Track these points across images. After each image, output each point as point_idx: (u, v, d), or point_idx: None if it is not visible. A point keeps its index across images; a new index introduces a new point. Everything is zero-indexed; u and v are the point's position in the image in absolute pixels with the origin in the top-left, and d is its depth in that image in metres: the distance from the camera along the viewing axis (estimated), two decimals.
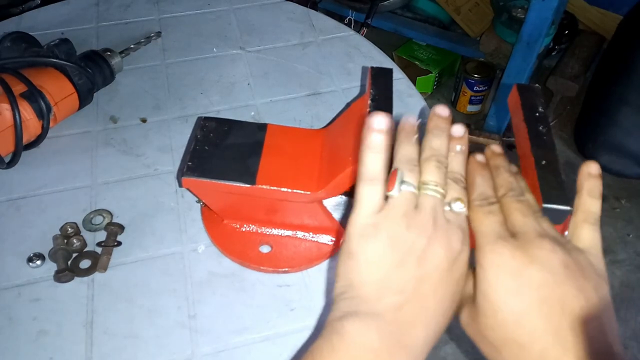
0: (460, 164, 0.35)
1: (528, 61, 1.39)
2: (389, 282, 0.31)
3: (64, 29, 0.72)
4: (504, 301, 0.30)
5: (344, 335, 0.29)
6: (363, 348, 0.29)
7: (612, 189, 1.50)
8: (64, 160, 0.57)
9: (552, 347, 0.29)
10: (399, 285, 0.31)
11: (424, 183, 0.33)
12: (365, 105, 0.43)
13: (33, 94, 0.54)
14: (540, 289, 0.29)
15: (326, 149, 0.46)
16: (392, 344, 0.30)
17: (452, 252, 0.32)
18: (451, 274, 0.32)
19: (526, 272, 0.30)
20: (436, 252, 0.31)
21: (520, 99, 0.42)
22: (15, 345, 0.43)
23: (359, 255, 0.32)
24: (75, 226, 0.50)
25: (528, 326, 0.29)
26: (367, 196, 0.33)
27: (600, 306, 0.30)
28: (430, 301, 0.31)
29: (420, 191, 0.33)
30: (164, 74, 0.67)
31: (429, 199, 0.32)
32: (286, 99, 0.64)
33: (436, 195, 0.32)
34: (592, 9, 1.68)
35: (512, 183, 0.35)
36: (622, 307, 1.26)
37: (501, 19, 1.55)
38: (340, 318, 0.30)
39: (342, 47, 0.71)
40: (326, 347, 0.29)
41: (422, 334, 0.31)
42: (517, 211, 0.33)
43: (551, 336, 0.29)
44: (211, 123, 0.48)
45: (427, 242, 0.31)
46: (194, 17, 0.76)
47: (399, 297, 0.30)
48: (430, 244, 0.31)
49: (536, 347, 0.29)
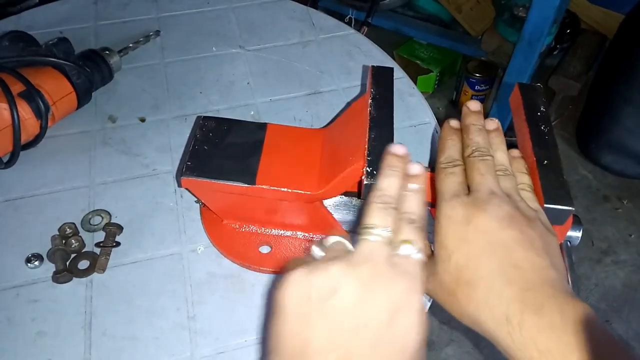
0: (416, 204, 0.33)
1: (530, 60, 1.39)
2: (315, 339, 0.27)
3: (62, 28, 0.72)
4: (456, 246, 0.32)
5: None
6: None
7: (614, 189, 1.50)
8: (62, 160, 0.57)
9: (496, 282, 0.30)
10: (327, 343, 0.27)
11: (364, 227, 0.30)
12: (366, 105, 0.43)
13: (31, 94, 0.53)
14: (486, 234, 0.32)
15: (327, 148, 0.45)
16: None
17: (391, 302, 0.28)
18: (393, 327, 0.27)
19: (474, 220, 0.32)
20: (372, 302, 0.27)
21: (522, 98, 0.41)
22: (14, 346, 0.43)
23: (283, 311, 0.29)
24: (73, 226, 0.50)
25: (476, 266, 0.31)
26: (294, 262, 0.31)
27: (544, 249, 0.32)
28: None
29: (360, 236, 0.30)
30: (162, 73, 0.67)
31: (367, 244, 0.29)
32: (286, 98, 0.64)
33: (377, 239, 0.29)
34: (594, 8, 1.67)
35: (478, 143, 0.36)
36: (625, 308, 1.26)
37: (503, 18, 1.55)
38: None
39: (343, 45, 0.71)
40: None
41: None
42: (476, 170, 0.35)
43: (496, 274, 0.31)
44: (210, 122, 0.47)
45: (361, 292, 0.28)
46: (193, 15, 0.76)
47: (327, 356, 0.27)
48: (366, 293, 0.28)
49: (483, 284, 0.31)
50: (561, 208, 0.36)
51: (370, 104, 0.42)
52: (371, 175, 0.38)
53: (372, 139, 0.40)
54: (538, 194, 0.37)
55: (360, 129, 0.41)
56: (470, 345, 1.22)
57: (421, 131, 0.60)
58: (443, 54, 1.72)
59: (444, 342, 1.22)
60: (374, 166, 0.38)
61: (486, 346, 1.22)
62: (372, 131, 0.40)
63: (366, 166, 0.38)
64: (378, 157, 0.38)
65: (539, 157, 0.38)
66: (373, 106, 0.42)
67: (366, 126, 0.41)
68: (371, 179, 0.37)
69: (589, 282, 1.30)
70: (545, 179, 0.37)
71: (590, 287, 1.30)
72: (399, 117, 0.61)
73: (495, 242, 0.31)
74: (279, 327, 0.29)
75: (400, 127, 0.60)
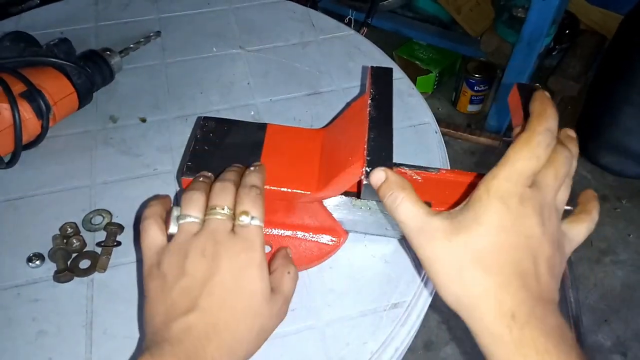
0: (255, 177, 0.39)
1: (529, 61, 1.39)
2: (174, 307, 0.33)
3: (63, 29, 0.72)
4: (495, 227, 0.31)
5: None
6: None
7: (613, 189, 1.50)
8: (63, 160, 0.57)
9: (514, 282, 0.30)
10: (184, 306, 0.33)
11: (209, 209, 0.37)
12: (365, 105, 0.43)
13: (32, 94, 0.54)
14: (529, 237, 0.31)
15: (326, 148, 0.45)
16: None
17: (233, 262, 0.34)
18: (238, 282, 0.34)
19: (525, 217, 0.31)
20: (217, 266, 0.34)
21: (520, 98, 0.42)
22: (14, 345, 0.43)
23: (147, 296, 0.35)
24: (74, 226, 0.50)
25: (502, 259, 0.31)
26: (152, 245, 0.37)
27: (559, 275, 0.33)
28: (221, 314, 0.33)
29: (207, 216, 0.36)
30: (163, 73, 0.67)
31: (210, 222, 0.36)
32: (286, 98, 0.64)
33: (217, 217, 0.36)
34: (593, 9, 1.67)
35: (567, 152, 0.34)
36: (624, 308, 1.26)
37: (502, 19, 1.55)
38: None
39: (343, 46, 0.71)
40: None
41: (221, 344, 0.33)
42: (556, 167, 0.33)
43: (517, 275, 0.31)
44: (211, 123, 0.47)
45: (207, 260, 0.34)
46: (194, 16, 0.76)
47: (185, 317, 0.33)
48: (212, 261, 0.34)
49: (501, 278, 0.31)
50: None
51: (369, 104, 0.42)
52: None
53: (371, 139, 0.40)
54: None
55: (360, 129, 0.41)
56: (469, 345, 1.22)
57: (421, 131, 0.60)
58: (442, 55, 1.72)
59: (443, 342, 1.23)
60: (374, 166, 0.38)
61: None
62: (372, 131, 0.40)
63: (365, 166, 0.38)
64: (377, 157, 0.38)
65: None
66: (372, 106, 0.42)
67: (365, 126, 0.41)
68: None
69: (587, 282, 1.31)
70: None
71: (589, 287, 1.30)
72: (399, 117, 0.61)
73: (533, 247, 0.31)
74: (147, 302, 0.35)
75: (399, 127, 0.60)
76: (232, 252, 0.35)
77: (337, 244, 0.47)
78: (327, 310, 0.45)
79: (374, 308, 0.45)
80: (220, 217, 0.36)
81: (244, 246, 0.35)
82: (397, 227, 0.46)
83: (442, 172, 0.44)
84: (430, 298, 0.47)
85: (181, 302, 0.33)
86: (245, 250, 0.35)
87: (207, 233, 0.35)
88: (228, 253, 0.34)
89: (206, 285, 0.33)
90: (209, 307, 0.33)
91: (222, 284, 0.34)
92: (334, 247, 0.47)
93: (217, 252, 0.34)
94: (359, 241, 0.49)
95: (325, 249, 0.47)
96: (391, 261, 0.48)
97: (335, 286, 0.46)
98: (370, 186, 0.37)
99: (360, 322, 0.44)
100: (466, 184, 0.43)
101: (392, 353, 0.43)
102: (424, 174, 0.44)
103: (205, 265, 0.34)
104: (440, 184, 0.44)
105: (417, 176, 0.44)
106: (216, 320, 0.33)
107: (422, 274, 0.47)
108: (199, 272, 0.34)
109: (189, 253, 0.35)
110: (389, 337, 0.43)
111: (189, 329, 0.32)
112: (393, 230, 0.47)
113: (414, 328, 0.45)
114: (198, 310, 0.33)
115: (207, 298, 0.33)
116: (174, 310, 0.33)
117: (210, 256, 0.34)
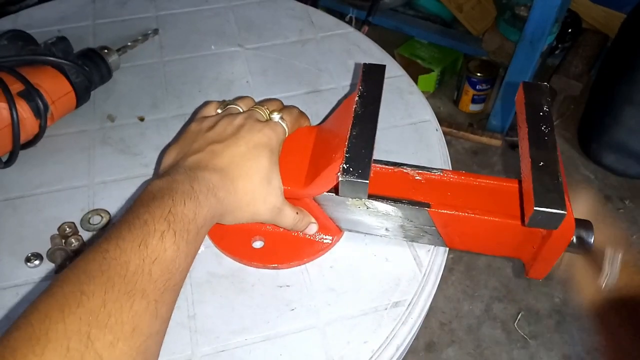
0: (271, 103, 0.48)
1: (531, 60, 1.38)
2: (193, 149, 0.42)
3: (61, 27, 0.72)
4: None
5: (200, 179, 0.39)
6: None
7: (616, 190, 1.49)
8: (61, 159, 0.56)
9: None
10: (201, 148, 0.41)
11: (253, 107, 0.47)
12: (352, 102, 0.43)
13: (30, 93, 0.53)
14: None
15: (317, 145, 0.45)
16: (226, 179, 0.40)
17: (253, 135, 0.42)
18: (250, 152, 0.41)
19: None
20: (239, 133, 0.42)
21: (525, 97, 0.41)
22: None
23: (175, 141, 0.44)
24: (73, 226, 0.50)
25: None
26: None
27: None
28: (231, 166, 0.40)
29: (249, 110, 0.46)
30: (161, 71, 0.67)
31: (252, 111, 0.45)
32: (285, 96, 0.64)
33: (257, 110, 0.45)
34: (596, 8, 1.67)
35: None
36: (625, 309, 1.25)
37: (504, 17, 1.54)
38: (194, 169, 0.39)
39: (342, 44, 0.71)
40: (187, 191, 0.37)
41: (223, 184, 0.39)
42: None
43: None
44: None
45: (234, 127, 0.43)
46: (192, 14, 0.75)
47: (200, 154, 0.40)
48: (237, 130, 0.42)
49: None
50: (552, 211, 0.34)
51: (356, 101, 0.42)
52: (347, 172, 0.37)
53: (353, 136, 0.40)
54: (529, 197, 0.36)
55: (345, 126, 0.41)
56: (472, 347, 1.22)
57: (421, 129, 0.59)
58: (444, 54, 1.72)
59: (444, 344, 1.22)
60: (351, 163, 0.38)
61: (487, 347, 1.21)
62: (354, 128, 0.40)
63: (343, 162, 0.38)
64: (358, 154, 0.38)
65: (534, 158, 0.37)
66: (359, 103, 0.42)
67: (350, 124, 0.41)
68: (347, 176, 0.37)
69: None
70: (538, 181, 0.35)
71: None
72: (399, 115, 0.61)
73: None
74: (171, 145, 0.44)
75: (400, 125, 0.60)
76: (255, 129, 0.42)
77: (331, 242, 0.47)
78: (328, 309, 0.44)
79: (374, 307, 0.44)
80: (260, 112, 0.45)
81: (267, 131, 0.42)
82: (396, 229, 0.45)
83: (445, 173, 0.43)
84: (432, 297, 0.46)
85: (200, 146, 0.41)
86: (265, 133, 0.42)
87: (246, 114, 0.44)
88: (252, 129, 0.42)
89: (224, 142, 0.41)
90: (220, 153, 0.40)
91: (236, 146, 0.41)
92: (327, 245, 0.47)
93: (244, 124, 0.42)
94: (360, 240, 0.48)
95: (319, 246, 0.47)
96: (392, 260, 0.47)
97: (335, 285, 0.46)
98: (347, 183, 0.37)
99: (361, 321, 0.44)
100: (469, 186, 0.43)
101: (393, 352, 0.42)
102: (426, 174, 0.44)
103: (231, 129, 0.42)
104: (442, 185, 0.43)
105: (419, 176, 0.44)
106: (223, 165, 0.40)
107: (424, 272, 0.47)
108: (223, 132, 0.42)
109: (224, 118, 0.43)
110: (389, 336, 0.43)
111: (199, 161, 0.40)
112: (392, 231, 0.46)
113: (415, 327, 0.44)
114: (209, 152, 0.40)
115: (220, 147, 0.41)
116: (192, 150, 0.41)
117: (237, 126, 0.42)
